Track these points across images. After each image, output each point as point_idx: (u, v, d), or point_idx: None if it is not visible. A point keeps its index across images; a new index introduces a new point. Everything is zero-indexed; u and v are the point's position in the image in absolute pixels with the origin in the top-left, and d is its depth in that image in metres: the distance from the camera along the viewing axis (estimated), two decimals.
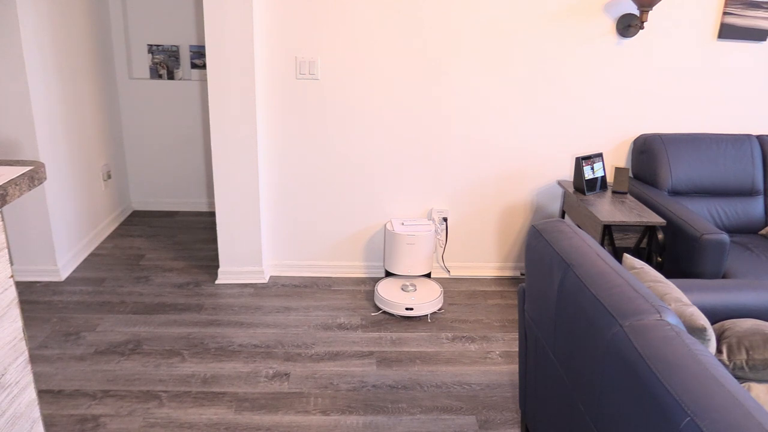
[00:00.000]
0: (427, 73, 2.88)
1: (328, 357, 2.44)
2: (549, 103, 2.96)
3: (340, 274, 3.19)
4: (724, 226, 2.87)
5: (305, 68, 2.82)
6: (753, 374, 1.55)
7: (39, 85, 2.81)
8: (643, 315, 1.15)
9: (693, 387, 0.95)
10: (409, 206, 3.10)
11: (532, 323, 1.71)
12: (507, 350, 2.54)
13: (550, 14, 2.83)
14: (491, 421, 2.08)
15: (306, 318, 2.74)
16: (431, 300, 2.77)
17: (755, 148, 2.94)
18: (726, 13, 2.87)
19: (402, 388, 2.25)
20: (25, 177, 1.74)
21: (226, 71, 2.72)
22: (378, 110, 2.92)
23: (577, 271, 1.38)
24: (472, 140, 3.00)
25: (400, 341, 2.57)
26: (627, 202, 2.70)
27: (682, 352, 1.04)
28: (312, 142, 2.96)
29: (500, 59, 2.88)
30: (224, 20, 2.65)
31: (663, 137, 2.93)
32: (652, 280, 1.58)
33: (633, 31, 2.84)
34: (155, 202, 4.13)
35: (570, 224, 1.64)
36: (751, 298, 1.79)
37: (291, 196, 3.05)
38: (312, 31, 2.78)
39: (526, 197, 3.13)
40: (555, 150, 3.05)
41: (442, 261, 3.21)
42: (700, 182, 2.89)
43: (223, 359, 2.39)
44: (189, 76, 3.85)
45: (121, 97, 3.87)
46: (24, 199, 2.87)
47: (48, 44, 2.89)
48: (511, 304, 2.96)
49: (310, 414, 2.09)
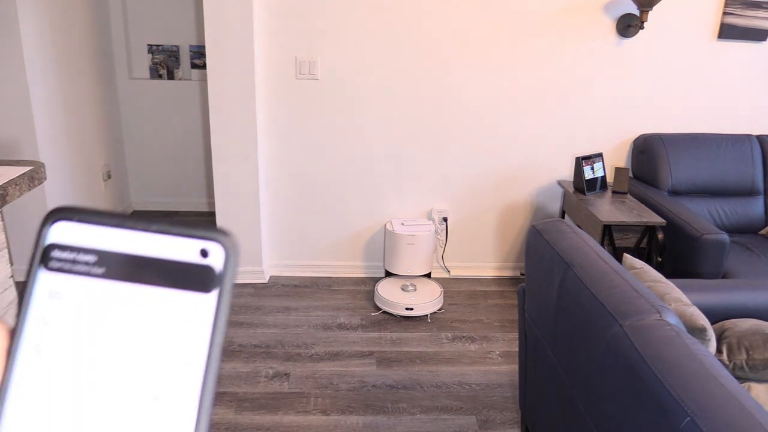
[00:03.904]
0: (427, 73, 2.88)
1: (328, 357, 2.44)
2: (549, 103, 2.96)
3: (340, 274, 3.19)
4: (724, 226, 2.87)
5: (305, 68, 2.82)
6: (753, 374, 1.55)
7: (39, 85, 2.81)
8: (643, 315, 1.15)
9: (693, 387, 0.95)
10: (409, 206, 3.10)
11: (532, 323, 1.71)
12: (507, 350, 2.54)
13: (550, 15, 2.82)
14: (491, 421, 2.08)
15: (306, 318, 2.74)
16: (431, 300, 2.77)
17: (755, 148, 2.94)
18: (726, 13, 2.86)
19: (402, 388, 2.25)
20: (25, 177, 1.74)
21: (226, 71, 2.72)
22: (378, 110, 2.92)
23: (577, 271, 1.38)
24: (472, 140, 3.00)
25: (400, 341, 2.57)
26: (627, 202, 2.70)
27: (682, 352, 1.04)
28: (312, 142, 2.96)
29: (500, 59, 2.88)
30: (224, 20, 2.64)
31: (663, 137, 2.93)
32: (652, 280, 1.58)
33: (633, 31, 2.84)
34: (155, 202, 4.13)
35: (570, 224, 1.64)
36: (751, 298, 1.79)
37: (291, 196, 3.05)
38: (312, 31, 2.78)
39: (526, 197, 3.13)
40: (555, 150, 3.05)
41: (442, 261, 3.21)
42: (700, 182, 2.89)
43: (223, 359, 2.39)
44: (189, 76, 3.85)
45: (121, 97, 3.87)
46: (24, 199, 2.87)
47: (48, 44, 2.89)
48: (511, 304, 2.96)
49: (310, 414, 2.09)
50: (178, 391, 0.25)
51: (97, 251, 0.26)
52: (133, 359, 0.25)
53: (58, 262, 0.26)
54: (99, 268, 0.25)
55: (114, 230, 0.26)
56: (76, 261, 0.25)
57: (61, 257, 0.26)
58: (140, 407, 0.24)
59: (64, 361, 0.25)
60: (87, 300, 0.25)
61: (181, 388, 0.25)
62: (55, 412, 0.24)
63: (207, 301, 0.25)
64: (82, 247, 0.26)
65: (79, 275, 0.25)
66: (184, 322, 0.25)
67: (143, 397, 0.25)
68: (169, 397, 0.25)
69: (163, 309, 0.25)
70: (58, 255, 0.26)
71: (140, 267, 0.25)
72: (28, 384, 0.25)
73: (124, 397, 0.25)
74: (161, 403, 0.24)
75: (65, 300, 0.25)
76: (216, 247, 0.26)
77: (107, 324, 0.25)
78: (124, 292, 0.25)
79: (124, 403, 0.24)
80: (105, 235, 0.26)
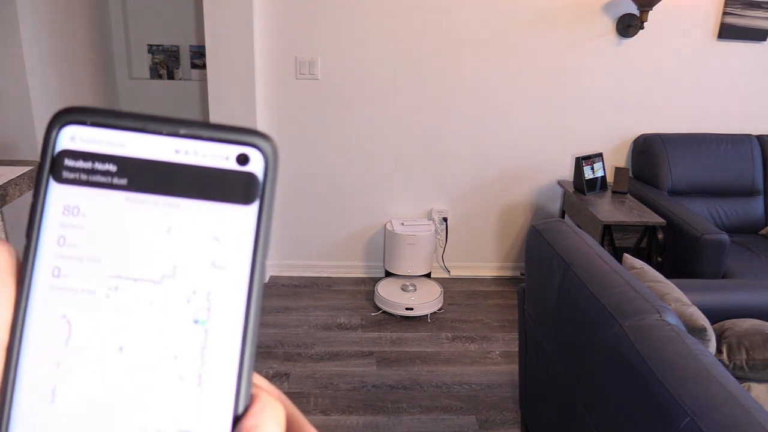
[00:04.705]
0: (427, 72, 2.87)
1: (328, 357, 2.44)
2: (549, 103, 2.96)
3: (340, 274, 3.19)
4: (724, 226, 2.87)
5: (305, 68, 2.82)
6: (753, 374, 1.55)
7: (39, 85, 2.81)
8: (643, 315, 1.15)
9: (693, 387, 0.95)
10: (409, 206, 3.10)
11: (532, 323, 1.71)
12: (507, 350, 2.54)
13: (550, 14, 2.82)
14: (491, 421, 2.08)
15: (306, 318, 2.74)
16: (431, 300, 2.77)
17: (755, 148, 2.94)
18: (726, 13, 2.86)
19: (402, 388, 2.25)
20: (25, 177, 1.74)
21: (226, 71, 2.72)
22: (378, 110, 2.92)
23: (577, 271, 1.38)
24: (472, 140, 3.00)
25: (400, 341, 2.57)
26: (627, 202, 2.70)
27: (682, 352, 1.04)
28: (312, 142, 2.96)
29: (500, 59, 2.88)
30: (224, 20, 2.64)
31: (663, 137, 2.93)
32: (652, 280, 1.58)
33: (633, 31, 2.84)
34: None
35: (570, 224, 1.64)
36: (751, 298, 1.79)
37: (291, 196, 3.05)
38: (312, 31, 2.78)
39: (526, 197, 3.13)
40: (555, 150, 3.05)
41: (442, 261, 3.21)
42: (700, 182, 2.89)
43: None
44: (189, 76, 3.85)
45: (121, 97, 3.87)
46: (24, 199, 2.87)
47: (48, 44, 2.89)
48: (511, 304, 2.96)
49: (310, 414, 2.09)
50: (220, 314, 0.22)
51: (117, 158, 0.22)
52: (167, 280, 0.22)
53: (72, 172, 0.22)
54: (121, 179, 0.22)
55: (136, 135, 0.22)
56: (93, 171, 0.22)
57: (76, 166, 0.22)
58: (180, 332, 0.22)
59: (89, 287, 0.22)
60: (110, 216, 0.22)
61: (224, 310, 0.22)
62: (85, 345, 0.21)
63: (248, 213, 0.22)
64: (100, 154, 0.22)
65: (97, 188, 0.22)
66: (223, 238, 0.22)
67: (183, 322, 0.22)
68: (212, 321, 0.22)
69: (199, 224, 0.22)
70: (72, 164, 0.22)
71: (170, 177, 0.22)
72: (49, 314, 0.22)
73: (162, 322, 0.22)
74: (203, 327, 0.22)
75: (84, 216, 0.22)
76: (255, 153, 0.23)
77: (136, 242, 0.22)
78: (153, 206, 0.22)
79: (163, 329, 0.22)
80: (126, 140, 0.22)
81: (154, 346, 0.22)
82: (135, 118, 0.22)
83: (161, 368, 0.22)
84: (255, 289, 0.22)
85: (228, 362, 0.22)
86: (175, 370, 0.22)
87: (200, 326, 0.22)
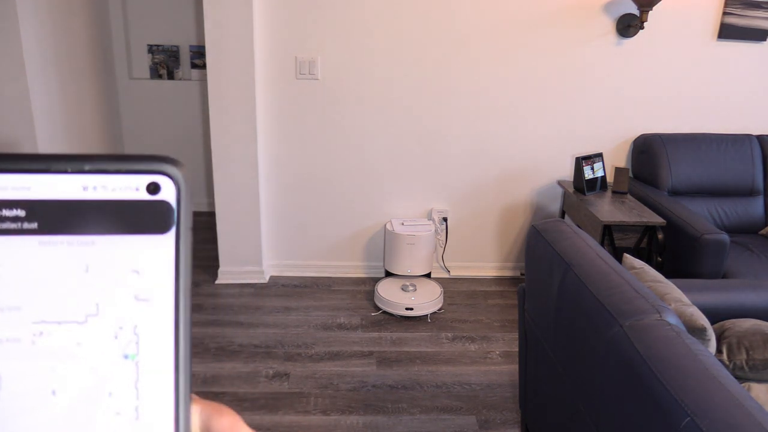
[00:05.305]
0: (427, 72, 2.88)
1: (328, 357, 2.44)
2: (549, 103, 2.96)
3: (340, 274, 3.19)
4: (724, 226, 2.87)
5: (305, 68, 2.82)
6: (753, 374, 1.55)
7: (39, 85, 2.81)
8: (643, 315, 1.15)
9: (693, 387, 0.95)
10: (409, 206, 3.10)
11: (532, 323, 1.71)
12: (507, 350, 2.54)
13: (550, 14, 2.82)
14: (491, 421, 2.08)
15: (306, 318, 2.74)
16: (431, 300, 2.77)
17: (755, 148, 2.94)
18: (726, 13, 2.86)
19: (402, 388, 2.25)
20: None
21: (226, 71, 2.72)
22: (378, 110, 2.92)
23: (577, 271, 1.38)
24: (472, 140, 3.00)
25: (400, 341, 2.57)
26: (627, 202, 2.70)
27: (682, 352, 1.04)
28: (312, 142, 2.96)
29: (500, 59, 2.88)
30: (224, 20, 2.64)
31: (663, 137, 2.93)
32: (652, 280, 1.58)
33: (633, 31, 2.84)
34: None
35: (570, 224, 1.64)
36: (751, 298, 1.79)
37: (291, 196, 3.05)
38: (312, 31, 2.78)
39: (526, 197, 3.13)
40: (555, 150, 3.05)
41: (442, 261, 3.21)
42: (700, 182, 2.89)
43: (223, 359, 2.39)
44: (189, 76, 3.85)
45: (121, 97, 3.87)
46: None
47: (48, 44, 2.89)
48: (511, 304, 2.96)
49: (310, 414, 2.09)
50: (149, 346, 0.22)
51: (25, 203, 0.22)
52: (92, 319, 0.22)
53: None
54: (31, 223, 0.22)
55: (41, 176, 0.22)
56: (2, 218, 0.22)
57: None
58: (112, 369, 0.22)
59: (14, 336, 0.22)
60: (25, 261, 0.21)
61: (153, 341, 0.22)
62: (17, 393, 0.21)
63: (165, 242, 0.22)
64: (6, 200, 0.21)
65: (8, 235, 0.22)
66: (143, 270, 0.22)
67: (113, 359, 0.22)
68: (141, 353, 0.22)
69: (117, 259, 0.22)
70: None
71: (81, 215, 0.22)
72: None
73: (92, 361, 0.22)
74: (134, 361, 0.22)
75: None
76: (165, 180, 0.22)
77: (55, 285, 0.22)
78: (68, 247, 0.22)
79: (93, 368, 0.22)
80: (31, 183, 0.22)
81: (87, 385, 0.22)
82: (37, 160, 0.22)
83: (97, 406, 0.22)
84: (182, 317, 0.22)
85: (163, 392, 0.22)
86: (111, 406, 0.22)
87: (131, 360, 0.22)
